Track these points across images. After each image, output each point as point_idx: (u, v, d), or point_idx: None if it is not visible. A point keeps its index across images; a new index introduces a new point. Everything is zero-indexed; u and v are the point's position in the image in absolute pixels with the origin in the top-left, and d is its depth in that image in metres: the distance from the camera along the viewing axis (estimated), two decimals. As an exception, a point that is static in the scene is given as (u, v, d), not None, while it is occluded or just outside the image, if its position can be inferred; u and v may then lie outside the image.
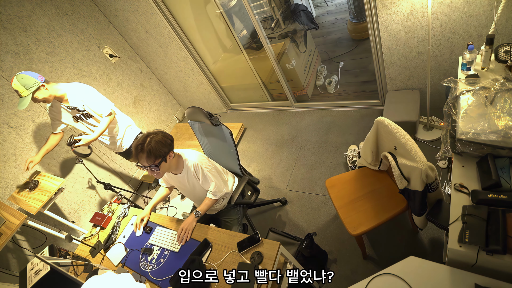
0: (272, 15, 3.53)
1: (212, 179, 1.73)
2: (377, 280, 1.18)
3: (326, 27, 4.27)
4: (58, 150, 2.76)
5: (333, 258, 2.02)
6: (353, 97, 3.07)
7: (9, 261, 2.43)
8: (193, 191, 1.85)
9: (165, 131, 1.59)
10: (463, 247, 1.05)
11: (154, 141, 1.49)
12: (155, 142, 1.49)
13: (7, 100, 2.44)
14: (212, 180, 1.73)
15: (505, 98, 1.22)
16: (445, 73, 2.20)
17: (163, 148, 1.50)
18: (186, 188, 1.84)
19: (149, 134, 1.52)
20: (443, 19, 1.92)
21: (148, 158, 1.47)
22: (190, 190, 1.86)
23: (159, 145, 1.49)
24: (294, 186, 2.61)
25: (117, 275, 1.25)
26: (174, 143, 1.60)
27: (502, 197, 1.06)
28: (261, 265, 1.35)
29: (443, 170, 2.10)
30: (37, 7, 2.62)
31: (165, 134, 1.56)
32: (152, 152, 1.47)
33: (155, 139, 1.49)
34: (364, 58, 3.41)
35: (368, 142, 1.71)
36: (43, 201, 2.26)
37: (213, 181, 1.73)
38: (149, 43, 3.29)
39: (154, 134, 1.53)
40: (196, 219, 1.73)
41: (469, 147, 1.23)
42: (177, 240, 1.68)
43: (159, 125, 3.82)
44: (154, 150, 1.47)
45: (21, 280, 1.41)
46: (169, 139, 1.56)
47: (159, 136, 1.52)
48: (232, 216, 1.96)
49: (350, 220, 1.66)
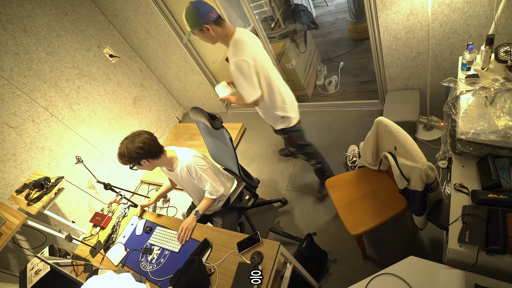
0: (272, 15, 3.54)
1: (207, 179, 1.73)
2: (377, 280, 1.18)
3: (326, 27, 4.27)
4: (58, 151, 2.76)
5: (333, 258, 2.02)
6: (353, 97, 3.06)
7: (9, 261, 2.43)
8: (189, 189, 1.87)
9: (149, 136, 1.58)
10: (463, 247, 1.05)
11: (127, 146, 1.53)
12: (129, 147, 1.52)
13: (7, 100, 2.44)
14: (207, 180, 1.74)
15: (505, 98, 1.22)
16: (445, 73, 2.20)
17: (134, 154, 1.53)
18: (182, 185, 1.87)
19: (127, 137, 1.57)
20: (443, 19, 1.92)
21: (120, 160, 1.55)
22: (186, 188, 1.88)
23: (131, 151, 1.52)
24: (294, 186, 2.61)
25: (117, 275, 1.25)
26: (155, 148, 1.60)
27: (502, 197, 1.06)
28: (261, 265, 1.35)
29: (443, 170, 2.10)
30: (37, 7, 2.62)
31: (141, 141, 1.54)
32: (124, 155, 1.53)
33: (130, 146, 1.52)
34: (364, 58, 3.41)
35: (368, 142, 1.71)
36: (43, 201, 2.26)
37: (208, 181, 1.74)
38: (149, 43, 3.29)
39: (131, 138, 1.55)
40: (196, 218, 1.73)
41: (469, 147, 1.23)
42: (177, 239, 1.68)
43: (159, 125, 3.82)
44: (126, 154, 1.52)
45: (21, 280, 1.41)
46: (143, 149, 1.53)
47: (135, 142, 1.53)
48: (226, 220, 1.96)
49: (350, 220, 1.66)
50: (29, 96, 2.56)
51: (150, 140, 1.57)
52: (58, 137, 2.77)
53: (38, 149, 2.63)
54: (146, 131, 1.61)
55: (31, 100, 2.58)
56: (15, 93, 2.48)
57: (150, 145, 1.56)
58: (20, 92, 2.51)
